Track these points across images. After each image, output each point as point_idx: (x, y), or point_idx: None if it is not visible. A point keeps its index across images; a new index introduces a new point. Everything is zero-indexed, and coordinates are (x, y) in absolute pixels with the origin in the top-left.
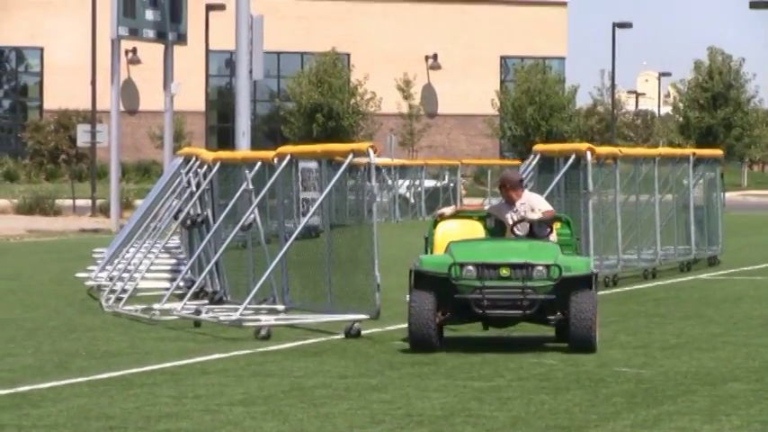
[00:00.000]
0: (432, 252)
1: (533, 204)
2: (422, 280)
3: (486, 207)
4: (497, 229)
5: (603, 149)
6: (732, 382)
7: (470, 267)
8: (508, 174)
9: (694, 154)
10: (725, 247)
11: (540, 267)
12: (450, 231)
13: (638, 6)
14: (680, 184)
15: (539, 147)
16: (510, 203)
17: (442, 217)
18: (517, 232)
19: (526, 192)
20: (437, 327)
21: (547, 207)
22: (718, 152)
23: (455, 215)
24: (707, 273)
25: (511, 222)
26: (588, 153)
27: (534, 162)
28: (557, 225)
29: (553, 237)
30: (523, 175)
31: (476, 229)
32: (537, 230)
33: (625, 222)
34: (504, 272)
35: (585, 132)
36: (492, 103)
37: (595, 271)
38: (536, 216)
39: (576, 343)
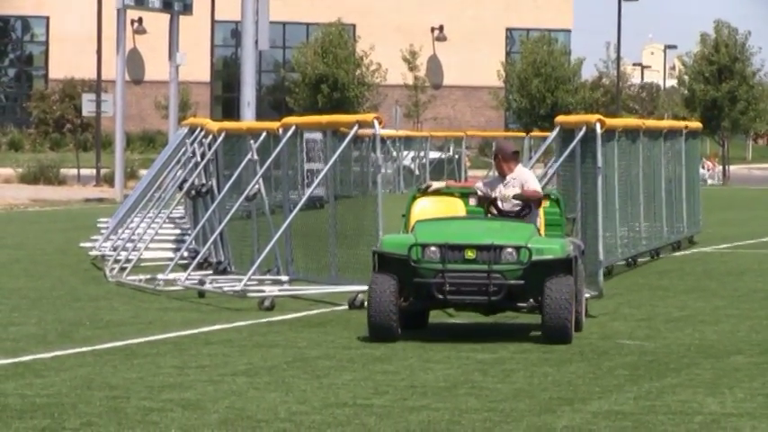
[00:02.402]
0: (408, 231)
1: (524, 180)
2: (384, 262)
3: (482, 180)
4: (483, 206)
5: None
6: (735, 355)
7: (433, 249)
8: (502, 144)
9: (686, 127)
10: (703, 225)
11: (510, 249)
12: (428, 209)
13: None
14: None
15: (560, 119)
16: (502, 176)
17: (427, 190)
18: (502, 207)
19: (520, 166)
20: (399, 313)
21: (534, 186)
22: (694, 124)
23: (438, 191)
24: (711, 246)
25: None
26: (598, 125)
27: (555, 134)
28: (545, 203)
29: (540, 218)
30: (543, 148)
31: (455, 208)
32: (506, 208)
33: (623, 199)
34: (470, 254)
35: (591, 105)
36: (497, 74)
37: (574, 254)
38: (511, 192)
39: (549, 333)
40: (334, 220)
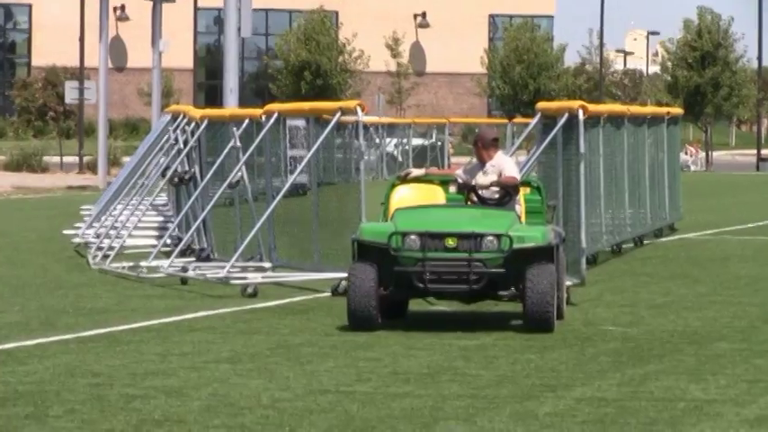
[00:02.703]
0: (387, 219)
1: (502, 167)
2: (363, 251)
3: (463, 167)
4: (463, 194)
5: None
6: (718, 342)
7: (413, 237)
8: (482, 130)
9: (668, 113)
10: (683, 212)
11: (490, 237)
12: (407, 197)
13: None
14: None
15: (540, 105)
16: (482, 163)
17: (407, 178)
18: (480, 195)
19: (500, 153)
20: (378, 302)
21: (511, 172)
22: (675, 110)
23: (417, 179)
24: (694, 232)
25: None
26: (580, 111)
27: (536, 121)
28: (525, 190)
29: (520, 206)
30: (524, 135)
31: (435, 196)
32: (486, 196)
33: (608, 186)
34: (451, 242)
35: (573, 91)
36: (480, 61)
37: (555, 242)
38: (488, 180)
39: (532, 322)
40: (317, 206)
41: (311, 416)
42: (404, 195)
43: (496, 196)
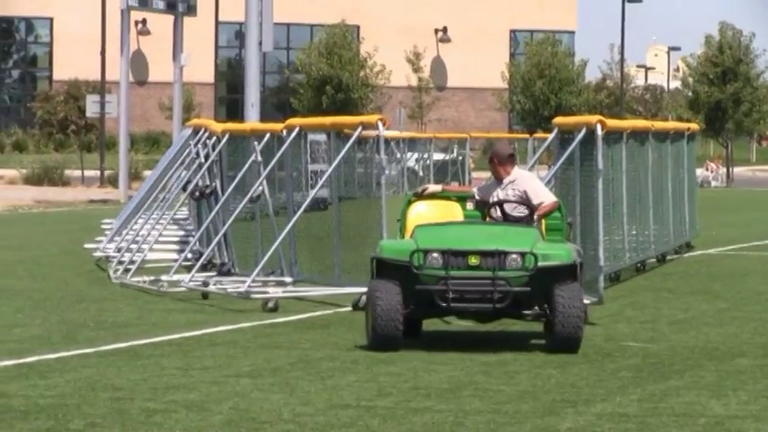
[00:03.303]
0: (403, 236)
1: (526, 185)
2: (384, 269)
3: (479, 185)
4: (481, 211)
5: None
6: (739, 358)
7: (435, 255)
8: (497, 147)
9: (689, 129)
10: (698, 231)
11: (514, 255)
12: (424, 214)
13: None
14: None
15: (558, 120)
16: (498, 180)
17: (423, 194)
18: (495, 215)
19: (516, 169)
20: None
21: (550, 198)
22: (693, 126)
23: (434, 195)
24: (714, 248)
25: (494, 201)
26: (599, 126)
27: (553, 137)
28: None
29: (541, 223)
30: (541, 150)
31: (453, 212)
32: (511, 214)
33: (630, 202)
34: (473, 260)
35: (594, 106)
36: (501, 76)
37: (579, 260)
38: (546, 208)
39: (562, 344)
40: (337, 221)
41: (332, 431)
42: (421, 212)
43: (522, 215)
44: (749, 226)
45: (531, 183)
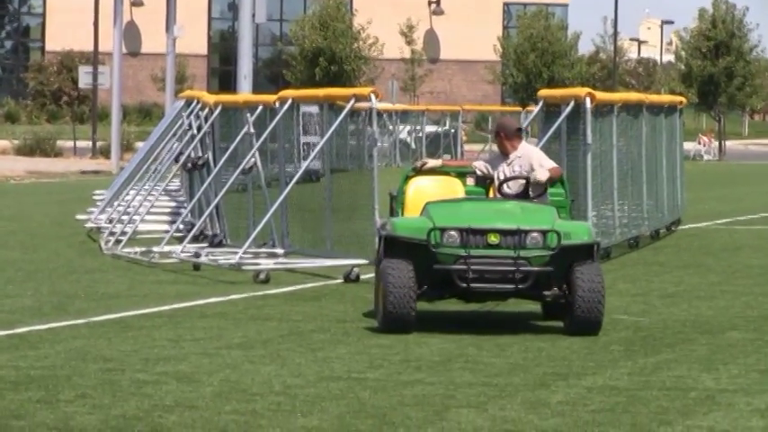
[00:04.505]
0: (402, 213)
1: (531, 158)
2: (395, 247)
3: (481, 158)
4: (483, 187)
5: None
6: (730, 331)
7: (453, 233)
8: (504, 120)
9: (681, 102)
10: (681, 212)
11: (535, 234)
12: (425, 189)
13: None
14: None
15: (543, 92)
16: (504, 155)
17: (422, 168)
18: (506, 191)
19: (524, 143)
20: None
21: (551, 163)
22: (679, 99)
23: (433, 170)
24: (706, 222)
25: (502, 178)
26: (587, 99)
27: (538, 109)
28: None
29: (546, 198)
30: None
31: (454, 188)
32: (533, 190)
33: (622, 177)
34: (493, 239)
35: (587, 79)
36: (494, 49)
37: (598, 240)
38: (543, 175)
39: (582, 326)
40: (330, 193)
41: (323, 402)
42: (421, 187)
43: (521, 190)
44: (741, 200)
45: (535, 153)
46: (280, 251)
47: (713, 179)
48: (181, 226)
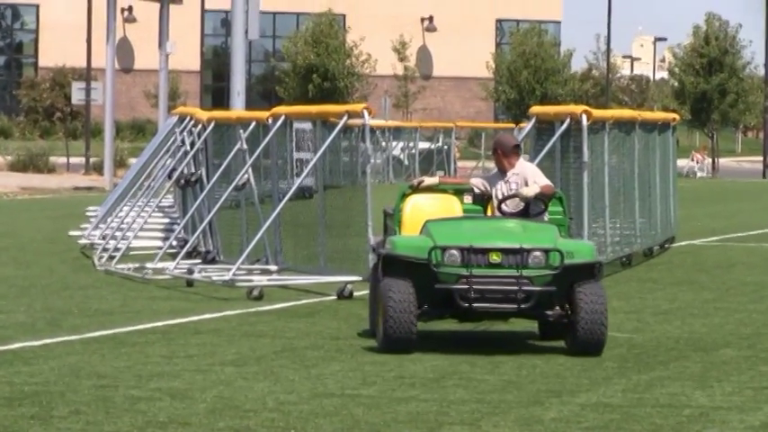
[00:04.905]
0: (399, 231)
1: (527, 176)
2: (395, 266)
3: (476, 175)
4: (480, 204)
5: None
6: (724, 349)
7: (454, 252)
8: (502, 137)
9: (674, 120)
10: (674, 230)
11: (538, 253)
12: (422, 207)
13: None
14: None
15: (535, 109)
16: (502, 172)
17: (419, 186)
18: (504, 209)
19: (521, 161)
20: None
21: (544, 180)
22: (672, 116)
23: (430, 188)
24: (700, 239)
25: (500, 196)
26: (584, 116)
27: (530, 126)
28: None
29: (545, 217)
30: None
31: (451, 206)
32: (532, 208)
33: (614, 195)
34: (495, 257)
35: (580, 96)
36: (487, 65)
37: (601, 258)
38: (532, 191)
39: (584, 347)
40: (323, 209)
41: (316, 419)
42: (419, 204)
43: (520, 208)
44: (734, 217)
45: (531, 171)
46: (273, 268)
47: (706, 196)
48: (174, 242)
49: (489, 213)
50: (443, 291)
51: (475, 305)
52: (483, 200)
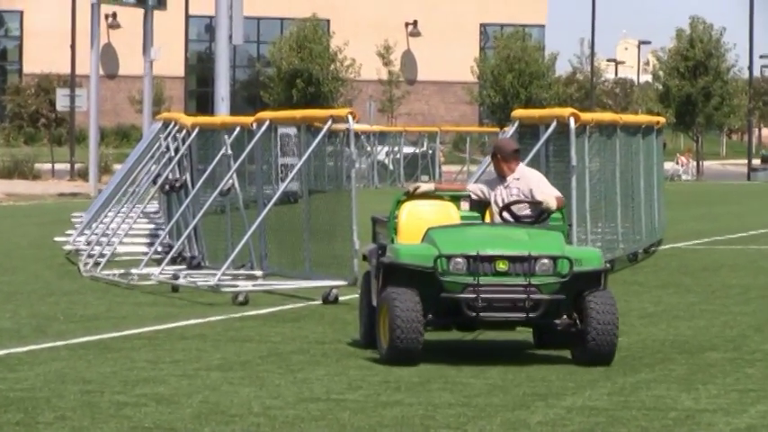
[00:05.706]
0: (395, 239)
1: (530, 183)
2: (398, 275)
3: (470, 182)
4: (478, 211)
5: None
6: (709, 351)
7: (459, 260)
8: (501, 142)
9: (658, 123)
10: (660, 233)
11: (545, 260)
12: (419, 214)
13: None
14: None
15: (518, 112)
16: (501, 178)
17: (414, 193)
18: (506, 216)
19: (521, 165)
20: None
21: (554, 192)
22: (657, 119)
23: (426, 195)
24: (685, 242)
25: (500, 202)
26: (571, 119)
27: (513, 130)
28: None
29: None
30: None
31: (449, 213)
32: (534, 214)
33: (596, 199)
34: (501, 265)
35: (564, 100)
36: (471, 70)
37: (608, 266)
38: (553, 204)
39: (595, 356)
40: (308, 214)
41: (302, 424)
42: (416, 211)
43: (526, 212)
44: (719, 219)
45: (536, 181)
46: (258, 273)
47: (691, 199)
48: (159, 248)
49: (488, 220)
50: (449, 300)
51: (482, 314)
52: (481, 206)
